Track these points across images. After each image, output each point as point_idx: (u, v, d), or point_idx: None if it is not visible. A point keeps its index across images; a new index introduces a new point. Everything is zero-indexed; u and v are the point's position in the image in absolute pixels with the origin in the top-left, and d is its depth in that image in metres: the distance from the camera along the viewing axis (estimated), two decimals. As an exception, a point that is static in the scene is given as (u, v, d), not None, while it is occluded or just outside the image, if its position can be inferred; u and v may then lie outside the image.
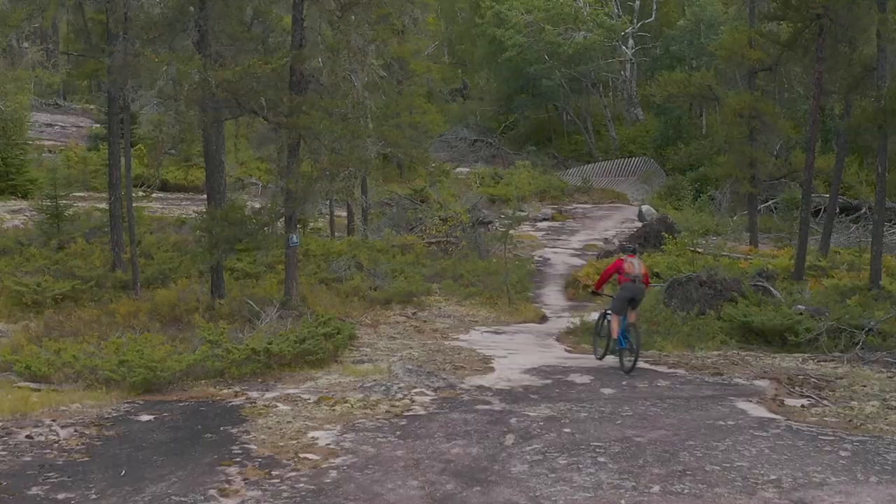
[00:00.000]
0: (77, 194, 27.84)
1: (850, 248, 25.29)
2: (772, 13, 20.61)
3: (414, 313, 18.85)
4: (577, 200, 39.58)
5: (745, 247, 29.00)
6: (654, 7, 47.56)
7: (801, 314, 17.14)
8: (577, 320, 18.81)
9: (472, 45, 55.75)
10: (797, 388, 13.53)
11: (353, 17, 15.92)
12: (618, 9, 45.64)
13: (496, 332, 17.55)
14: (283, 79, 16.83)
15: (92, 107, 47.70)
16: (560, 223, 35.08)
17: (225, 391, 13.00)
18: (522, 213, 36.18)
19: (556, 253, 27.49)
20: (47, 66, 53.66)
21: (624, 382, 13.36)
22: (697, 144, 40.10)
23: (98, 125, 38.85)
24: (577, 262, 26.51)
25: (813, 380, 13.93)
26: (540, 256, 27.01)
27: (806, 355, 15.73)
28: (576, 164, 46.21)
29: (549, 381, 13.35)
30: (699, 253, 23.27)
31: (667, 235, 23.92)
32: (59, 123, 47.65)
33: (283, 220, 17.21)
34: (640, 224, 35.56)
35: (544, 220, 35.53)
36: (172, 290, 18.27)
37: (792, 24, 20.31)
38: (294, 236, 17.21)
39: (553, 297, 22.24)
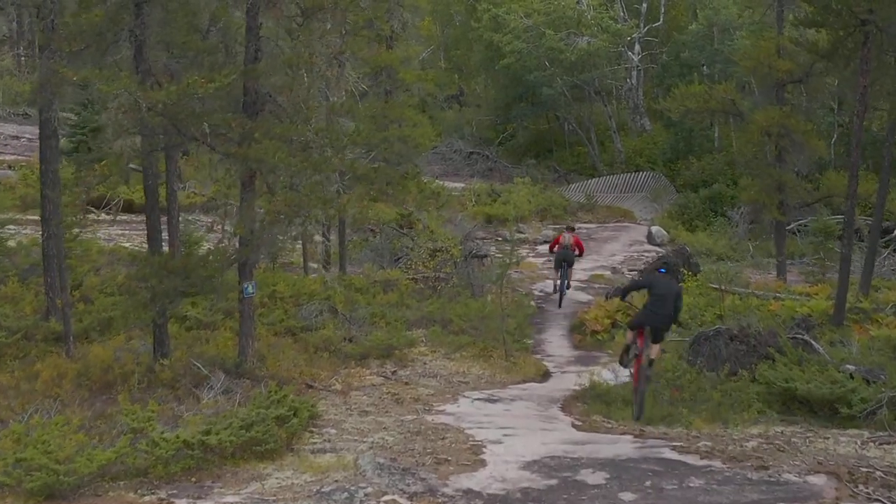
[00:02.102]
0: (33, 217, 25.19)
1: (891, 279, 22.78)
2: (808, 19, 18.06)
3: (394, 372, 16.30)
4: (580, 219, 37.02)
5: (769, 278, 26.49)
6: (662, 10, 45.05)
7: (851, 377, 14.62)
8: (585, 379, 16.29)
9: (468, 51, 53.21)
10: (861, 488, 11.04)
11: (317, 24, 13.38)
12: (623, 12, 43.05)
13: (490, 400, 14.98)
14: (236, 99, 14.31)
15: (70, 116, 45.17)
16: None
17: (147, 498, 10.47)
18: (521, 236, 33.71)
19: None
20: (16, 73, 51.13)
21: (648, 483, 10.83)
22: (710, 159, 37.54)
23: (64, 138, 36.25)
24: (583, 296, 23.97)
25: (879, 474, 11.42)
26: (541, 290, 24.45)
27: (865, 434, 13.20)
28: (578, 179, 43.70)
29: (553, 482, 10.82)
30: (722, 291, 20.71)
31: (685, 271, 21.35)
32: (27, 136, 44.83)
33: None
34: (649, 247, 33.09)
35: (545, 242, 32.90)
36: (109, 348, 15.71)
37: (832, 32, 17.77)
38: (249, 286, 14.67)
39: (556, 343, 19.70)
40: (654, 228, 33.54)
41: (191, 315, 17.24)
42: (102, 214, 31.07)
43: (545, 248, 32.13)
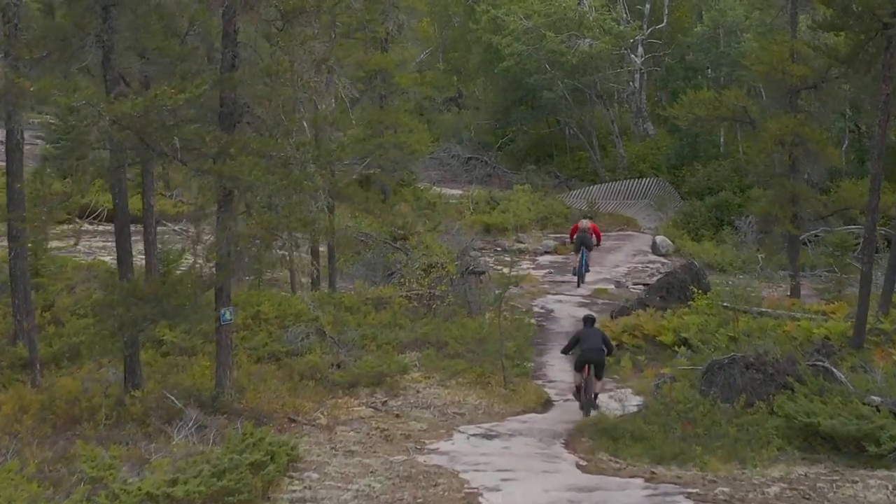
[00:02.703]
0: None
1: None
2: (827, 22, 16.99)
3: (384, 402, 15.24)
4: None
5: (781, 294, 25.45)
6: (666, 11, 43.95)
7: (877, 409, 13.57)
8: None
9: (466, 53, 52.10)
10: (898, 544, 10.02)
11: (298, 29, 12.32)
12: (626, 14, 41.94)
13: (487, 436, 13.91)
14: (213, 110, 13.27)
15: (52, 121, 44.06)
16: (564, 257, 31.35)
17: (102, 561, 9.43)
18: (521, 246, 32.67)
19: (560, 302, 23.84)
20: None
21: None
22: (716, 165, 36.42)
23: (48, 144, 35.12)
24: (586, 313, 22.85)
25: (916, 526, 10.39)
26: (541, 307, 23.37)
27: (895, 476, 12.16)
28: (580, 185, 42.57)
29: (557, 540, 9.77)
30: (733, 310, 19.68)
31: (695, 289, 20.28)
32: None
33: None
34: (654, 257, 32.04)
35: (546, 253, 31.91)
36: (77, 377, 14.65)
37: (852, 36, 16.71)
38: (226, 312, 13.62)
39: (558, 366, 18.62)
40: (659, 238, 32.47)
41: (167, 339, 16.18)
42: (86, 224, 30.05)
43: (546, 259, 31.16)
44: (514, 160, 46.31)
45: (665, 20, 44.03)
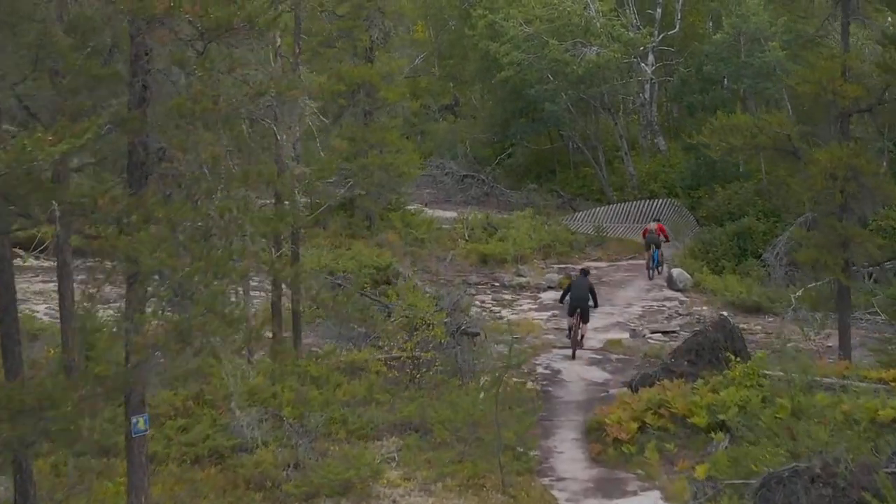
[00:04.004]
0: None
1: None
2: (893, 35, 13.90)
3: (350, 524, 12.12)
4: (588, 256, 32.81)
5: (821, 345, 22.43)
6: (679, 16, 40.83)
7: None
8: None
9: (462, 60, 49.00)
10: None
11: (226, 52, 9.23)
12: (636, 18, 38.74)
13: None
14: (123, 156, 10.20)
15: None
16: (570, 293, 28.27)
17: None
18: (522, 280, 29.56)
19: (568, 359, 20.72)
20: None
21: None
22: (737, 187, 33.23)
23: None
24: (598, 375, 19.85)
25: None
26: (546, 366, 20.29)
27: None
28: (585, 205, 39.47)
29: None
30: (772, 377, 16.62)
31: (730, 356, 17.15)
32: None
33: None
34: (670, 293, 28.91)
35: (549, 288, 28.74)
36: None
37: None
38: (139, 420, 10.50)
39: (569, 454, 15.55)
40: (676, 271, 29.35)
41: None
42: (31, 259, 26.91)
43: (549, 295, 28.03)
44: (514, 176, 43.22)
45: (678, 26, 40.93)
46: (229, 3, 9.32)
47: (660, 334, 23.38)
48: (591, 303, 20.83)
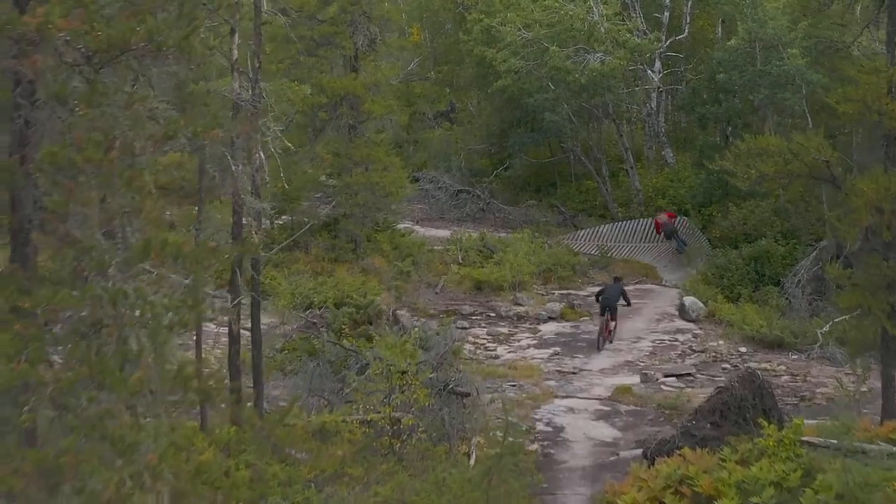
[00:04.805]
0: None
1: None
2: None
3: None
4: (592, 280, 30.55)
5: (855, 386, 20.17)
6: (687, 20, 38.53)
7: None
8: None
9: (458, 65, 46.72)
10: None
11: (119, 81, 6.96)
12: (643, 23, 36.37)
13: None
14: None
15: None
16: (573, 325, 26.08)
17: None
18: (520, 309, 27.28)
19: (572, 412, 18.52)
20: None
21: None
22: (752, 205, 30.86)
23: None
24: (606, 432, 17.62)
25: None
26: (547, 421, 18.04)
27: None
28: (587, 222, 37.19)
29: None
30: (812, 446, 14.34)
31: (764, 421, 14.84)
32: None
33: None
34: (682, 324, 26.62)
35: (550, 318, 26.51)
36: None
37: None
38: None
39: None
40: (688, 300, 27.10)
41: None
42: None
43: (549, 328, 25.78)
44: (512, 190, 40.91)
45: (686, 30, 38.64)
46: (131, 16, 7.02)
47: (674, 378, 21.13)
48: (622, 302, 24.44)
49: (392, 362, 14.70)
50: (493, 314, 26.62)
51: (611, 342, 23.94)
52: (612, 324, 24.22)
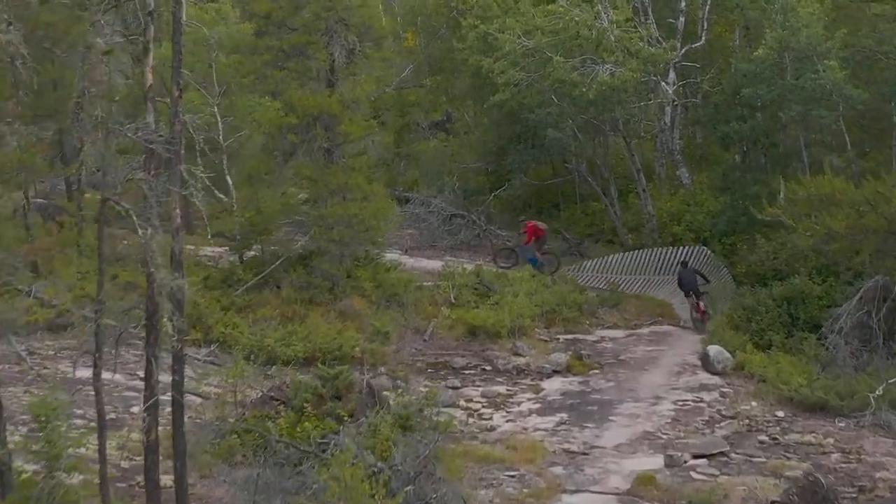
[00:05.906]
0: None
1: None
2: None
3: None
4: (602, 322, 27.25)
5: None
6: (704, 26, 35.24)
7: None
8: None
9: (454, 74, 43.43)
10: None
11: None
12: (656, 30, 32.97)
13: None
14: None
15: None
16: (581, 380, 22.76)
17: None
18: (520, 361, 24.00)
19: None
20: None
21: None
22: (784, 237, 27.41)
23: None
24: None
25: None
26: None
27: None
28: (594, 249, 33.94)
29: None
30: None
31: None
32: None
33: None
34: (706, 378, 23.26)
35: (555, 372, 23.21)
36: None
37: None
38: None
39: None
40: (713, 349, 23.74)
41: None
42: None
43: (553, 385, 22.45)
44: (511, 212, 37.52)
45: (702, 37, 35.36)
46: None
47: (705, 460, 17.79)
48: (702, 282, 26.43)
49: (352, 485, 11.38)
50: (489, 367, 23.29)
51: (705, 321, 25.83)
52: (701, 304, 25.82)
